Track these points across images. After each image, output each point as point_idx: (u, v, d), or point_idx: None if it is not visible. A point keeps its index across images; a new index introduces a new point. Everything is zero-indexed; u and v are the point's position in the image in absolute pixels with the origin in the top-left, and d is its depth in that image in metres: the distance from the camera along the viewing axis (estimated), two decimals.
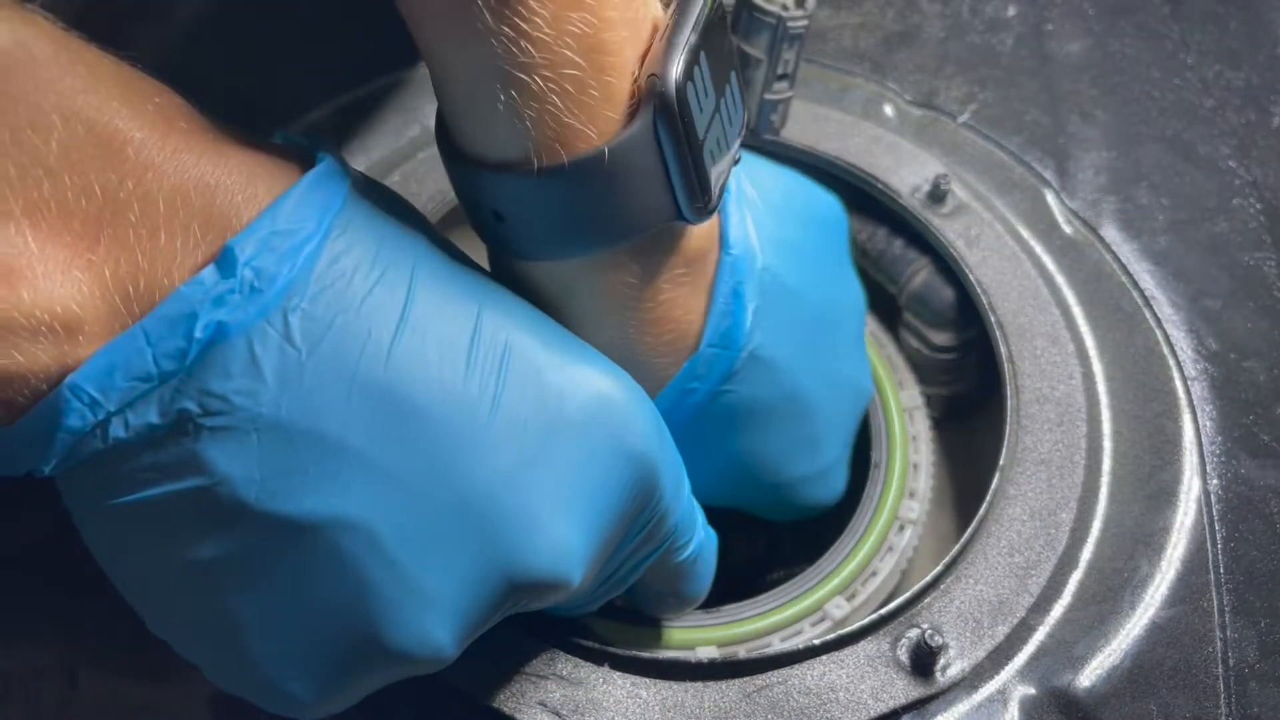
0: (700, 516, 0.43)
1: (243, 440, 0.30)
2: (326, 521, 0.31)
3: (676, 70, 0.33)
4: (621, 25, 0.33)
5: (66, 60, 0.29)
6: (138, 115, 0.30)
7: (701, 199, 0.36)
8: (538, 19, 0.31)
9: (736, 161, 0.40)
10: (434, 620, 0.33)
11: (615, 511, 0.36)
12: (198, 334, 0.30)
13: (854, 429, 0.53)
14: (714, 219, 0.41)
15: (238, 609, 0.32)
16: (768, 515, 0.53)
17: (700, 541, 0.43)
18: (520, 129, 0.33)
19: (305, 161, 0.34)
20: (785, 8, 0.55)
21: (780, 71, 0.57)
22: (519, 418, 0.34)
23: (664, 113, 0.34)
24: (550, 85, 0.32)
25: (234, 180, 0.31)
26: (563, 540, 0.34)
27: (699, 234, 0.40)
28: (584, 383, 0.35)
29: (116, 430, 0.30)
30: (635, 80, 0.34)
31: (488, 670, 0.43)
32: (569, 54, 0.32)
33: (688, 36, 0.34)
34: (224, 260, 0.30)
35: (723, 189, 0.38)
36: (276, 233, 0.31)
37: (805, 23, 0.55)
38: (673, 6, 0.35)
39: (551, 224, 0.36)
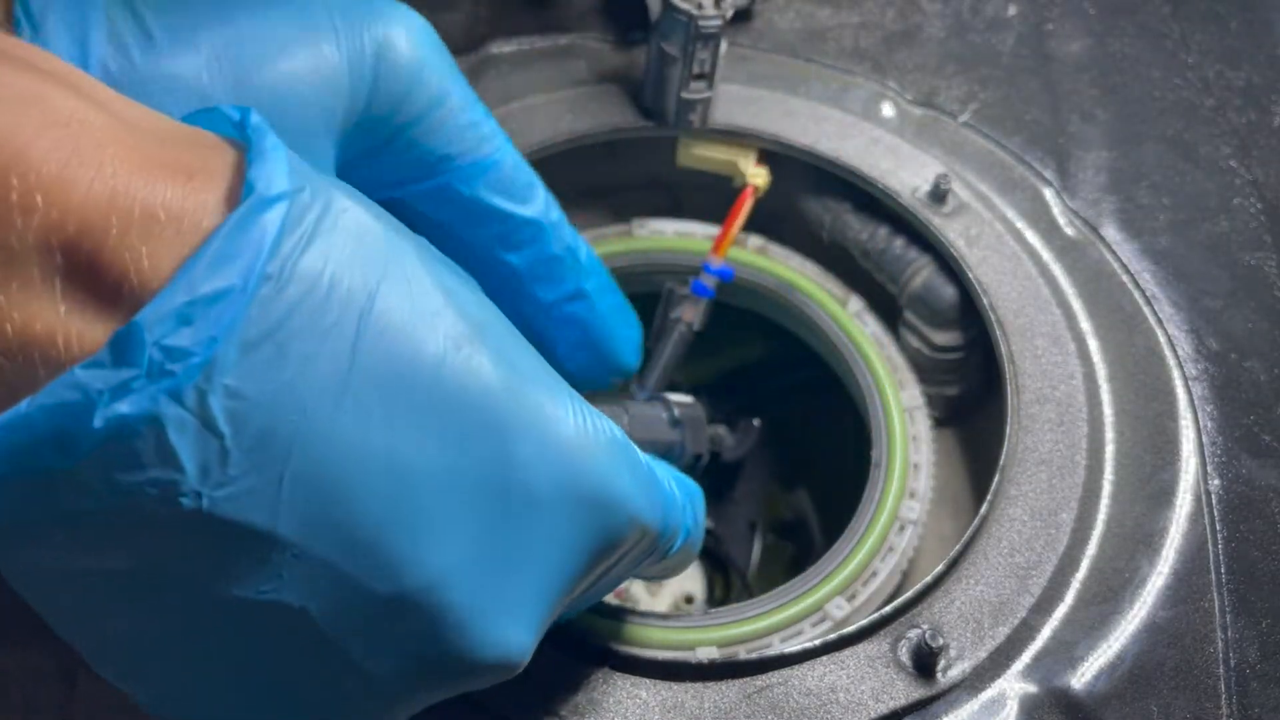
0: (688, 506, 0.40)
1: (156, 532, 0.27)
2: (249, 605, 0.28)
3: None
4: None
5: None
6: None
7: None
8: None
9: None
10: (373, 703, 0.32)
11: (580, 573, 0.34)
12: (97, 423, 0.25)
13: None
14: None
15: (170, 684, 0.31)
16: None
17: (688, 529, 0.40)
18: None
19: (231, 154, 0.29)
20: (700, 6, 0.55)
21: (696, 71, 0.57)
22: (473, 502, 0.30)
23: None
24: None
25: (133, 204, 0.26)
26: (509, 637, 0.32)
27: None
28: (552, 447, 0.32)
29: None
30: None
31: None
32: None
33: None
34: (126, 341, 0.25)
35: None
36: (194, 302, 0.25)
37: (718, 23, 0.55)
38: None
39: None
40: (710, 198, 0.64)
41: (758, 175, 0.60)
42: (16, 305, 0.25)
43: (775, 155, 0.61)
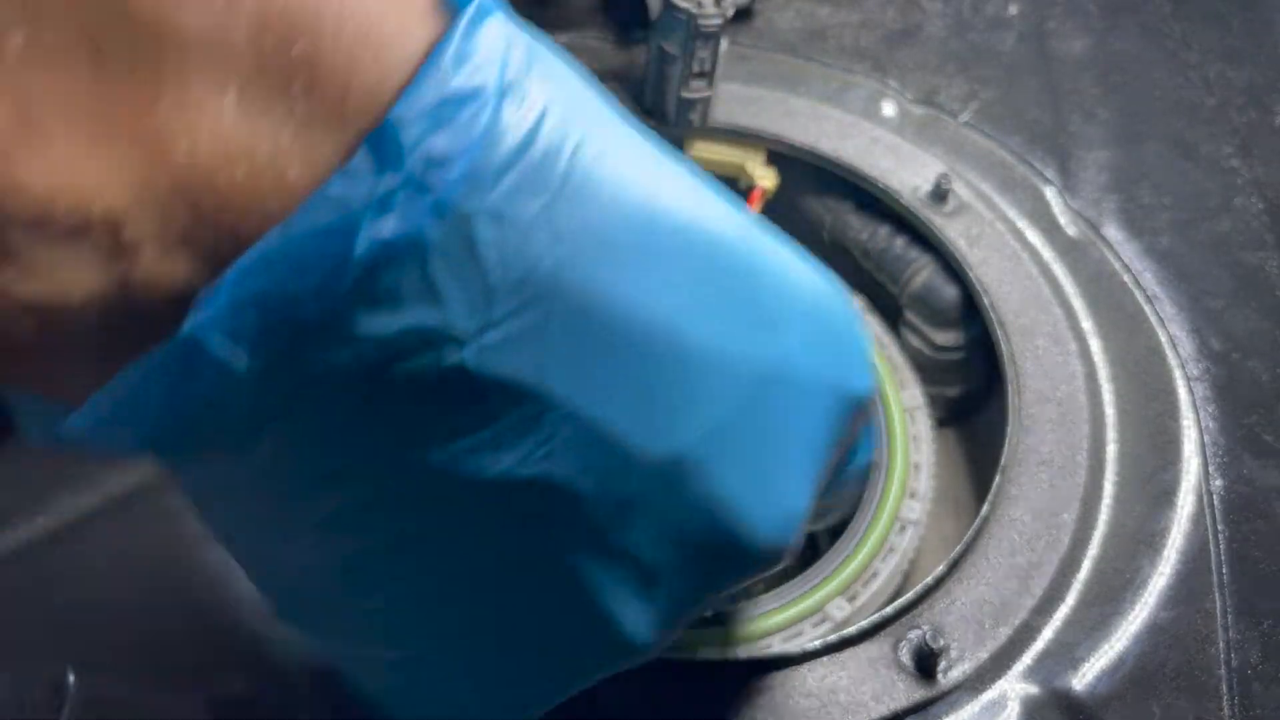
0: None
1: (415, 393, 0.23)
2: (521, 484, 0.25)
3: None
4: None
5: None
6: None
7: None
8: None
9: None
10: (639, 609, 0.28)
11: (832, 442, 0.31)
12: (359, 250, 0.21)
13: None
14: None
15: (380, 595, 0.27)
16: None
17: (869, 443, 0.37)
18: None
19: None
20: (700, 5, 0.55)
21: (696, 69, 0.57)
22: (734, 352, 0.27)
23: None
24: None
25: (344, 6, 0.21)
26: (788, 503, 0.29)
27: None
28: (798, 293, 0.29)
29: (244, 392, 0.22)
30: None
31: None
32: None
33: None
34: (382, 141, 0.21)
35: None
36: (447, 100, 0.21)
37: (719, 22, 0.55)
38: None
39: None
40: None
41: (766, 177, 0.60)
42: (234, 124, 0.20)
43: (775, 154, 0.61)
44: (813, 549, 0.69)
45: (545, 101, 0.23)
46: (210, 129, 0.20)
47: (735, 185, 0.61)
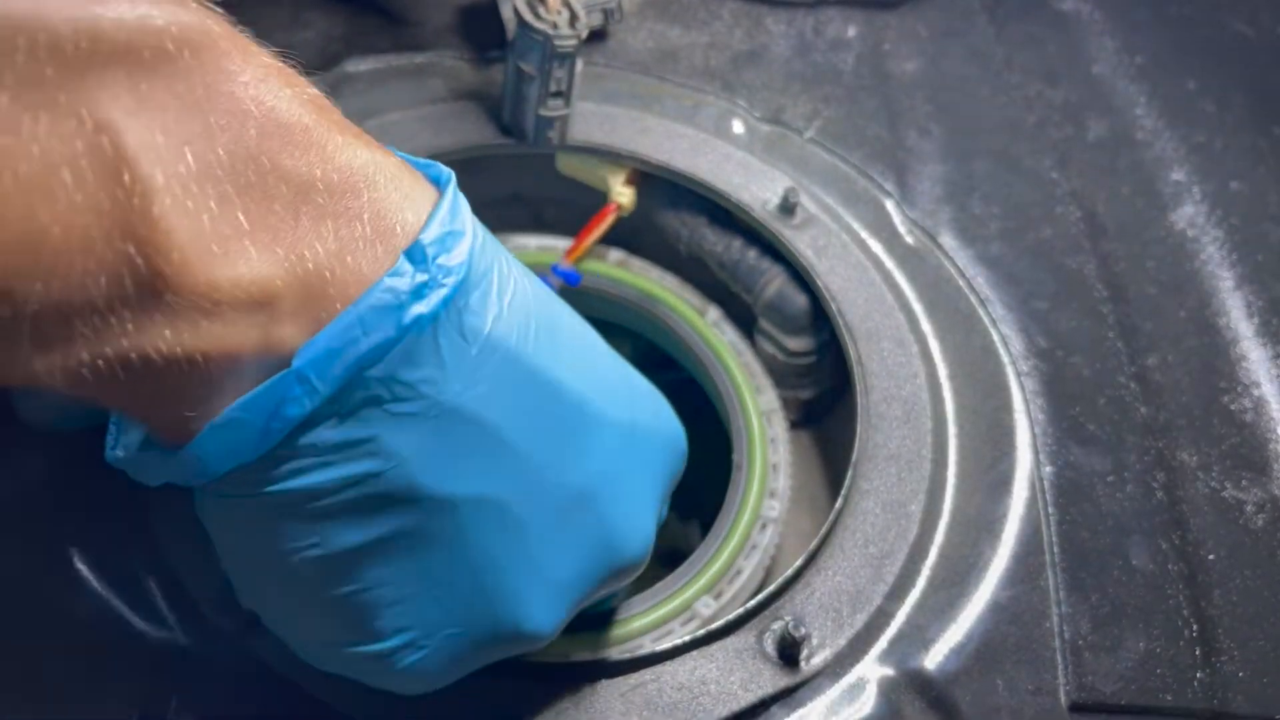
0: None
1: (420, 426, 0.33)
2: (474, 500, 0.35)
3: None
4: None
5: (240, 49, 0.30)
6: (304, 104, 0.32)
7: None
8: None
9: None
10: (550, 602, 0.38)
11: (667, 489, 0.44)
12: (406, 321, 0.31)
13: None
14: None
15: (376, 591, 0.35)
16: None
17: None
18: None
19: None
20: (555, 26, 0.57)
21: (553, 89, 0.59)
22: (618, 415, 0.40)
23: None
24: None
25: (386, 174, 0.33)
26: (646, 526, 0.41)
27: None
28: (646, 390, 0.44)
29: (319, 419, 0.32)
30: None
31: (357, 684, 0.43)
32: None
33: None
34: (416, 254, 0.32)
35: None
36: (450, 234, 0.33)
37: (574, 43, 0.57)
38: None
39: None
40: (570, 213, 0.65)
41: (622, 194, 0.62)
42: (336, 243, 0.31)
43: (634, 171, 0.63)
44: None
45: (495, 252, 0.36)
46: (322, 238, 0.31)
47: (588, 200, 0.63)
